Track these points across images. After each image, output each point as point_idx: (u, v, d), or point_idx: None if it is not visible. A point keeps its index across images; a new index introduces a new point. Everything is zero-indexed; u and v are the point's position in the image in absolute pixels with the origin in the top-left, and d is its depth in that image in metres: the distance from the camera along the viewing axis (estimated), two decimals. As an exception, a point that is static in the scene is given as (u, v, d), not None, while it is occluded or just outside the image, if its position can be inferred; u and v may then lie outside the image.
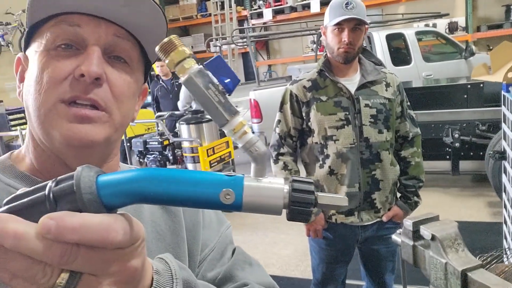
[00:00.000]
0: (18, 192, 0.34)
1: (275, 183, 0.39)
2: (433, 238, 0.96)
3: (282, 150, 1.83)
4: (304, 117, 1.76)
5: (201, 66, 0.41)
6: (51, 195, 0.32)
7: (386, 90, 1.74)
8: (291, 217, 0.38)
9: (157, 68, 5.63)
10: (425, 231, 1.00)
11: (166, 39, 0.40)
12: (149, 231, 0.62)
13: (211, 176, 0.38)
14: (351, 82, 1.72)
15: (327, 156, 1.73)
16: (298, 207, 0.38)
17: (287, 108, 1.79)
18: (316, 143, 1.76)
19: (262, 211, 0.38)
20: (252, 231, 3.90)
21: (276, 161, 1.84)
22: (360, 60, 1.76)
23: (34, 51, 0.56)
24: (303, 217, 0.38)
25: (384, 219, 1.77)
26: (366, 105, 1.69)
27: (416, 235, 1.06)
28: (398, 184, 1.84)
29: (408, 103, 1.84)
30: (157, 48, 0.40)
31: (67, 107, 0.52)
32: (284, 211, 0.39)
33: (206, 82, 0.40)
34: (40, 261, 0.30)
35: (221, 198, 0.36)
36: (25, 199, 0.33)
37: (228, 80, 0.41)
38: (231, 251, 0.70)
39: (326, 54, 1.75)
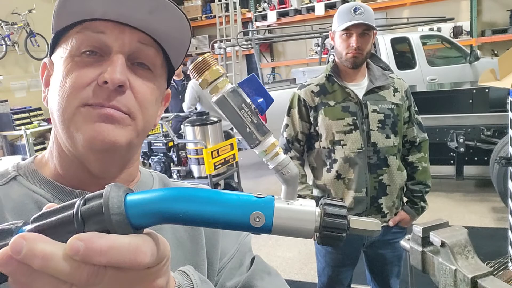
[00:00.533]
0: (46, 209, 0.34)
1: (306, 205, 0.38)
2: (443, 244, 0.97)
3: (289, 154, 1.84)
4: (312, 122, 1.77)
5: (234, 85, 0.40)
6: (79, 214, 0.32)
7: (394, 95, 1.74)
8: (322, 242, 0.37)
9: None
10: (435, 238, 1.00)
11: (200, 58, 0.40)
12: (169, 237, 0.63)
13: (241, 197, 0.37)
14: (359, 87, 1.72)
15: (335, 161, 1.74)
16: (330, 232, 0.37)
17: (295, 113, 1.79)
18: (324, 147, 1.76)
19: (292, 234, 0.37)
20: (255, 233, 3.89)
21: None
22: (368, 65, 1.77)
23: (60, 57, 0.57)
24: (335, 242, 0.37)
25: (391, 223, 1.78)
26: (374, 110, 1.70)
27: (425, 241, 1.06)
28: (405, 189, 1.84)
29: (416, 108, 1.85)
30: (190, 67, 0.40)
31: (90, 109, 0.53)
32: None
33: (239, 102, 0.39)
34: (66, 281, 0.30)
35: (250, 221, 0.36)
36: (53, 218, 0.33)
37: (262, 99, 0.41)
38: (249, 259, 0.70)
39: (334, 59, 1.76)
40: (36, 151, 6.39)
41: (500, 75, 1.75)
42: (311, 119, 1.77)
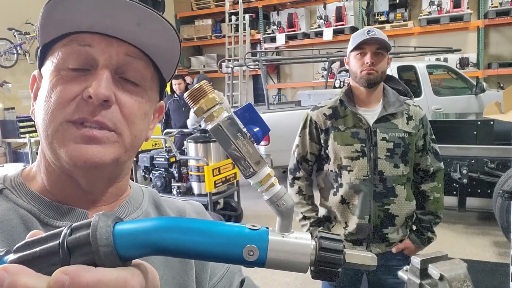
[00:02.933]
0: (30, 237, 0.33)
1: (301, 239, 0.37)
2: (441, 278, 0.94)
3: (298, 174, 1.84)
4: (323, 144, 1.76)
5: (230, 114, 0.39)
6: (65, 245, 0.31)
7: (407, 124, 1.71)
8: (316, 276, 0.36)
9: (174, 86, 5.71)
10: (434, 270, 0.98)
11: (196, 86, 0.39)
12: (157, 257, 0.60)
13: (235, 229, 0.36)
14: (372, 113, 1.71)
15: (341, 185, 1.73)
16: (325, 267, 0.36)
17: (306, 133, 1.80)
18: (331, 171, 1.76)
19: (287, 268, 0.36)
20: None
21: (292, 184, 1.86)
22: (384, 90, 1.75)
23: (47, 70, 0.55)
24: (329, 277, 0.36)
25: (394, 250, 1.74)
26: (383, 139, 1.67)
27: (423, 273, 1.04)
28: (414, 217, 1.80)
29: (433, 137, 1.80)
30: (186, 95, 0.40)
31: (74, 127, 0.52)
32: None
33: (235, 131, 0.38)
34: None
35: (244, 255, 0.34)
36: (37, 248, 0.31)
37: (258, 129, 0.40)
38: (239, 280, 0.69)
39: (350, 83, 1.75)
40: (39, 159, 6.39)
41: (505, 108, 1.75)
42: (322, 141, 1.76)
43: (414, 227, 1.81)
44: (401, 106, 1.71)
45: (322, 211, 1.85)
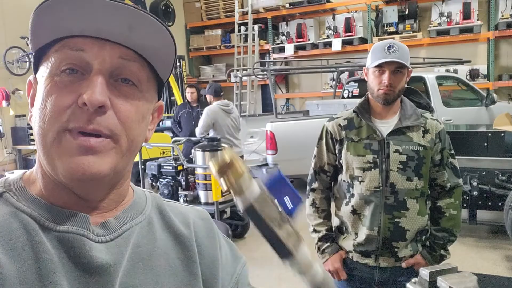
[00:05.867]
0: None
1: None
2: (451, 291, 0.92)
3: (313, 186, 1.84)
4: (337, 154, 1.76)
5: (260, 189, 0.36)
6: None
7: (423, 137, 1.68)
8: None
9: (187, 94, 5.77)
10: (443, 283, 0.95)
11: (226, 159, 0.37)
12: (162, 264, 0.60)
13: None
14: (387, 125, 1.69)
15: (352, 196, 1.72)
16: None
17: (323, 144, 1.80)
18: (344, 181, 1.75)
19: None
20: (260, 265, 3.80)
21: (307, 195, 1.86)
22: (401, 103, 1.73)
23: (41, 76, 0.55)
24: None
25: (404, 265, 1.70)
26: (396, 151, 1.65)
27: (432, 286, 1.01)
28: (429, 233, 1.76)
29: (452, 152, 1.76)
30: (214, 171, 0.38)
31: (71, 137, 0.51)
32: None
33: (269, 211, 0.36)
34: None
35: None
36: None
37: (290, 203, 0.38)
38: None
39: (367, 94, 1.75)
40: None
41: (516, 119, 1.71)
42: (336, 151, 1.76)
43: (428, 243, 1.76)
44: (417, 119, 1.68)
45: (335, 222, 1.84)
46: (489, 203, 3.97)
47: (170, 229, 0.64)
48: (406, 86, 1.72)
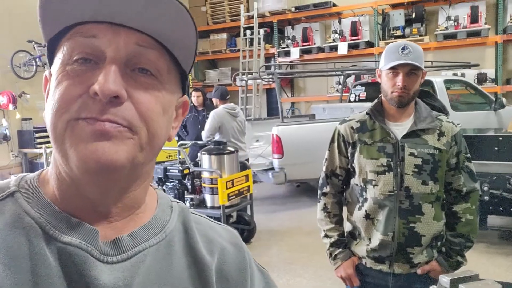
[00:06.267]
0: None
1: None
2: (477, 300, 0.87)
3: (325, 190, 1.80)
4: (349, 157, 1.72)
5: None
6: None
7: (439, 140, 1.63)
8: None
9: (193, 98, 5.75)
10: (468, 291, 0.91)
11: None
12: None
13: None
14: (401, 127, 1.64)
15: (366, 200, 1.67)
16: None
17: (334, 147, 1.76)
18: (357, 185, 1.70)
19: None
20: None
21: (319, 199, 1.82)
22: (416, 105, 1.68)
23: (55, 68, 0.51)
24: None
25: (419, 272, 1.65)
26: (411, 154, 1.60)
27: (455, 294, 0.97)
28: (444, 239, 1.71)
29: (468, 155, 1.71)
30: None
31: (84, 123, 0.46)
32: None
33: None
34: None
35: None
36: None
37: None
38: None
39: (381, 96, 1.70)
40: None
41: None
42: (349, 155, 1.72)
43: (444, 249, 1.70)
44: (432, 122, 1.63)
45: (348, 227, 1.80)
46: (500, 208, 3.90)
47: (191, 253, 0.57)
48: (420, 88, 1.68)
